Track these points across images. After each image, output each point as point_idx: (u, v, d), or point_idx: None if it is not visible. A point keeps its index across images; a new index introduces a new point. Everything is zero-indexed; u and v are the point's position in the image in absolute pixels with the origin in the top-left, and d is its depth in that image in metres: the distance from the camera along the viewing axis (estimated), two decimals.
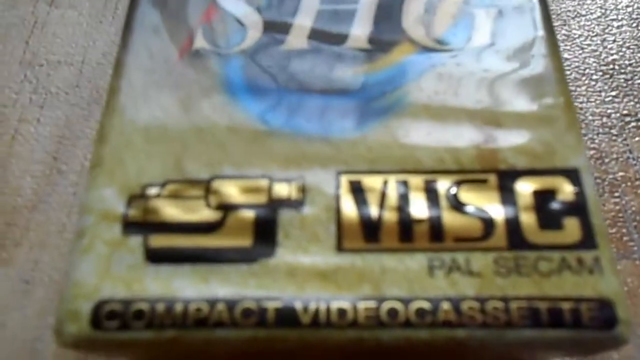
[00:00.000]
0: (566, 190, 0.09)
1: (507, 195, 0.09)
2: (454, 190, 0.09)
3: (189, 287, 0.08)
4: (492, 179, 0.09)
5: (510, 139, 0.09)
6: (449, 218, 0.09)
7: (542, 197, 0.09)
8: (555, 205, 0.09)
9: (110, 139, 0.10)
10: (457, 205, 0.09)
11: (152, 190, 0.09)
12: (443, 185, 0.09)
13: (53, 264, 0.13)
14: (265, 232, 0.09)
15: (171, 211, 0.09)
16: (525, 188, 0.09)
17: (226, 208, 0.09)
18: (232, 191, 0.09)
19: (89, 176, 0.09)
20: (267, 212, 0.09)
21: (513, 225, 0.09)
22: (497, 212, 0.09)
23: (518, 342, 0.08)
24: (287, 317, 0.08)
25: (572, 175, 0.09)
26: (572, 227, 0.09)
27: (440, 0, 0.11)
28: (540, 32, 0.11)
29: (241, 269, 0.08)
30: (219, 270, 0.08)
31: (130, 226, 0.09)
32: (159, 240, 0.09)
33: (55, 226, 0.14)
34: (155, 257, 0.08)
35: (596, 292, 0.08)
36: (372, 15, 0.11)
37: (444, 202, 0.09)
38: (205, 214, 0.09)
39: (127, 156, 0.09)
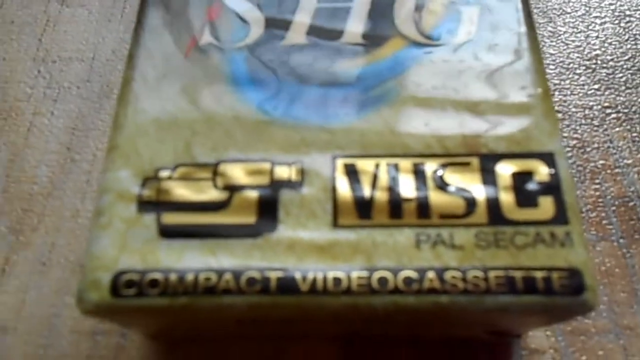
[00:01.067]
0: (542, 172, 0.10)
1: (488, 176, 0.10)
2: (440, 172, 0.10)
3: (199, 259, 0.09)
4: (475, 161, 0.10)
5: (492, 126, 0.10)
6: (435, 197, 0.10)
7: (520, 178, 0.10)
8: (531, 186, 0.10)
9: (125, 126, 0.10)
10: (442, 185, 0.10)
11: (164, 173, 0.10)
12: (430, 167, 0.10)
13: (68, 247, 0.14)
14: (267, 210, 0.10)
15: (182, 192, 0.10)
16: (504, 170, 0.10)
17: (232, 189, 0.10)
18: (237, 173, 0.10)
19: (106, 160, 0.10)
20: (269, 192, 0.10)
21: (493, 203, 0.09)
22: (479, 191, 0.10)
23: (496, 308, 0.09)
24: (287, 285, 0.09)
25: (548, 158, 0.10)
26: (546, 205, 0.09)
27: None
28: (522, 29, 0.11)
29: (246, 243, 0.09)
30: (225, 244, 0.09)
31: (144, 205, 0.10)
32: (171, 218, 0.09)
33: (70, 211, 0.14)
34: (168, 232, 0.09)
35: (566, 262, 0.09)
36: (366, 12, 0.12)
37: (430, 183, 0.10)
38: (212, 194, 0.10)
39: (141, 142, 0.10)
